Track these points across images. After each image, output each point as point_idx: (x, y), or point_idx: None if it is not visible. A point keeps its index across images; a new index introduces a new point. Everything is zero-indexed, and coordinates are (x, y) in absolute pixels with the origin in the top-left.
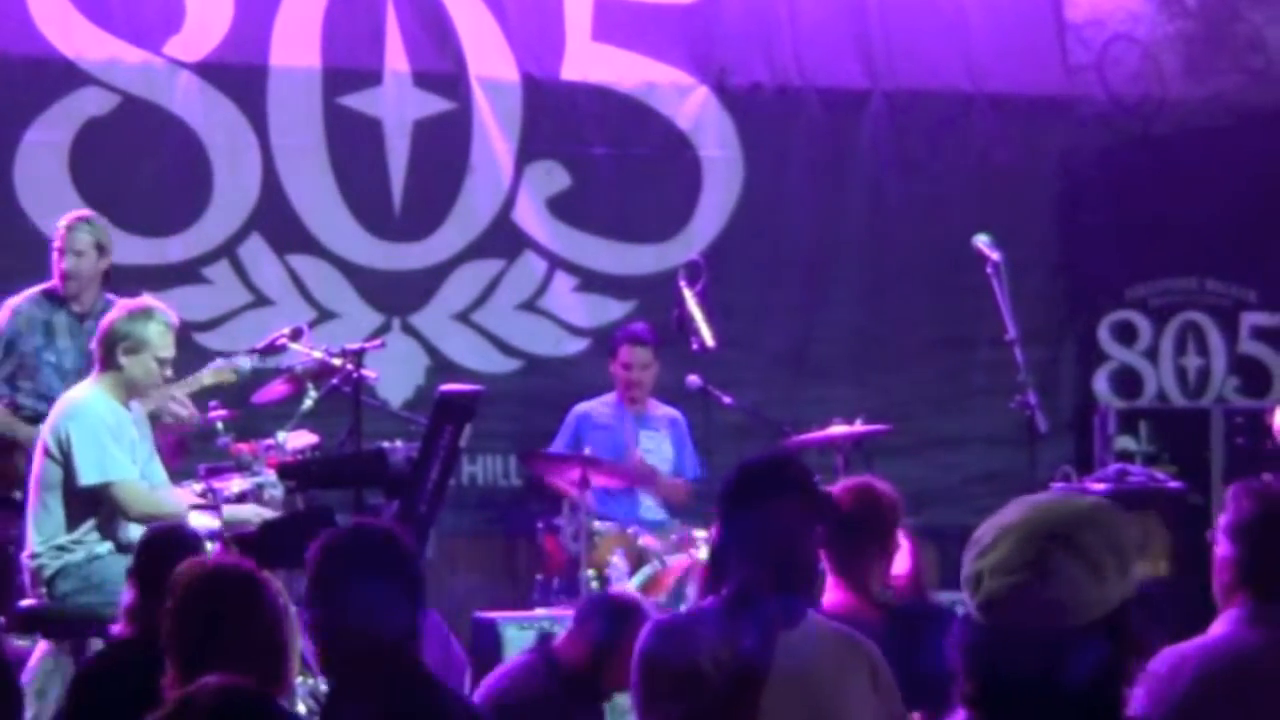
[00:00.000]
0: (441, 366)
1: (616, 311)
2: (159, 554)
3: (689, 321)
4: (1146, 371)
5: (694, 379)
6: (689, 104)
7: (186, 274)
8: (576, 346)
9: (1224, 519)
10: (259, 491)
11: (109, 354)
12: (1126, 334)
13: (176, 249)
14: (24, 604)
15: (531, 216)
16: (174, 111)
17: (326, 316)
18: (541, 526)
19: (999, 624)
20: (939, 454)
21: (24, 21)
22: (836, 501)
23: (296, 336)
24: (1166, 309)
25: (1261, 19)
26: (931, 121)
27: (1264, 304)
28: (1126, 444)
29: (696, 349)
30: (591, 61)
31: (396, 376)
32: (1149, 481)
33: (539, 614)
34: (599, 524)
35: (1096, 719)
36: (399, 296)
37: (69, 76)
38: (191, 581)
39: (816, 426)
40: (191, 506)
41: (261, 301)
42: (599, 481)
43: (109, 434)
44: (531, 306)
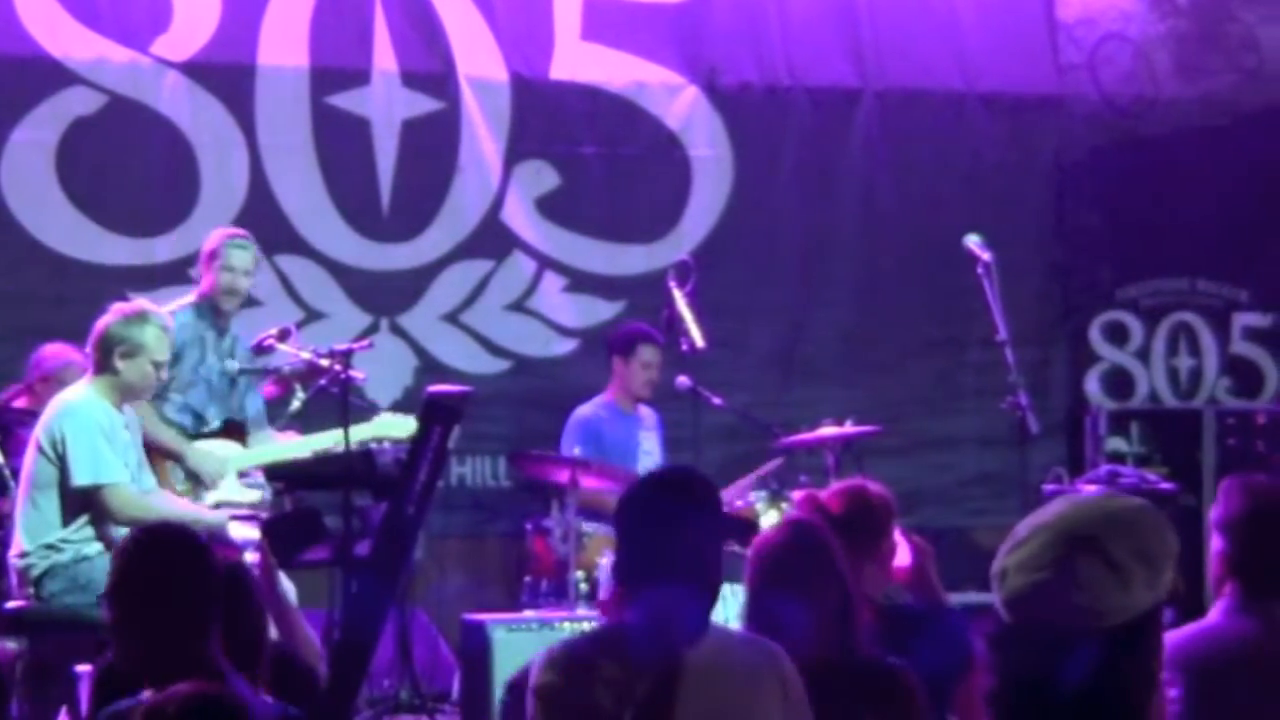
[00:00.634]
0: (430, 367)
1: (606, 312)
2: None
3: (679, 322)
4: (1138, 372)
5: (684, 380)
6: (678, 103)
7: (174, 275)
8: (565, 347)
9: (1214, 513)
10: None
11: (105, 357)
12: (1118, 334)
13: (164, 249)
14: (10, 605)
15: (520, 216)
16: (161, 111)
17: (314, 317)
18: (530, 528)
19: (1020, 621)
20: (930, 455)
21: (10, 21)
22: (828, 505)
23: (284, 337)
24: (1158, 309)
25: (1254, 18)
26: (922, 121)
27: (1256, 304)
28: (1118, 445)
29: (686, 350)
30: (580, 61)
31: (385, 377)
32: (1140, 483)
33: (528, 616)
34: (588, 526)
35: None
36: (387, 297)
37: (56, 76)
38: (137, 537)
39: (806, 427)
40: (231, 517)
41: (249, 302)
42: (588, 484)
43: (103, 436)
44: (520, 307)
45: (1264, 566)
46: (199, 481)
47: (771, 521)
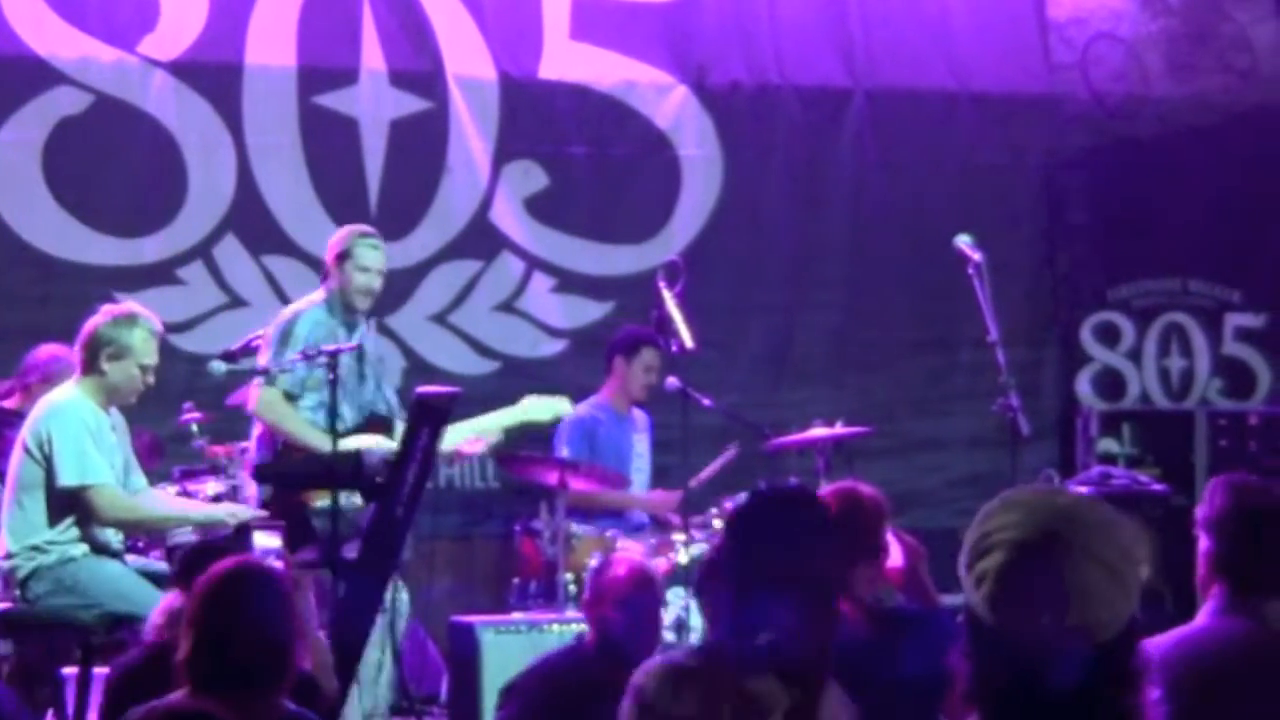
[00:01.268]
0: (418, 368)
1: (595, 313)
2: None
3: (668, 323)
4: (1130, 373)
5: (673, 381)
6: (668, 103)
7: (161, 275)
8: (554, 348)
9: (1200, 512)
10: (234, 494)
11: (92, 358)
12: (1109, 335)
13: (151, 249)
14: None
15: (509, 217)
16: (148, 111)
17: None
18: (519, 530)
19: (1000, 624)
20: (920, 456)
21: None
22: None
23: None
24: (1150, 310)
25: (1247, 18)
26: (913, 121)
27: (1248, 305)
28: (1109, 446)
29: (676, 350)
30: (569, 60)
31: None
32: (1132, 484)
33: (517, 618)
34: (577, 527)
35: None
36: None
37: (42, 75)
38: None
39: (797, 428)
40: (256, 525)
41: (237, 303)
42: (577, 485)
43: (90, 437)
44: (509, 307)
45: (1252, 565)
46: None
47: None
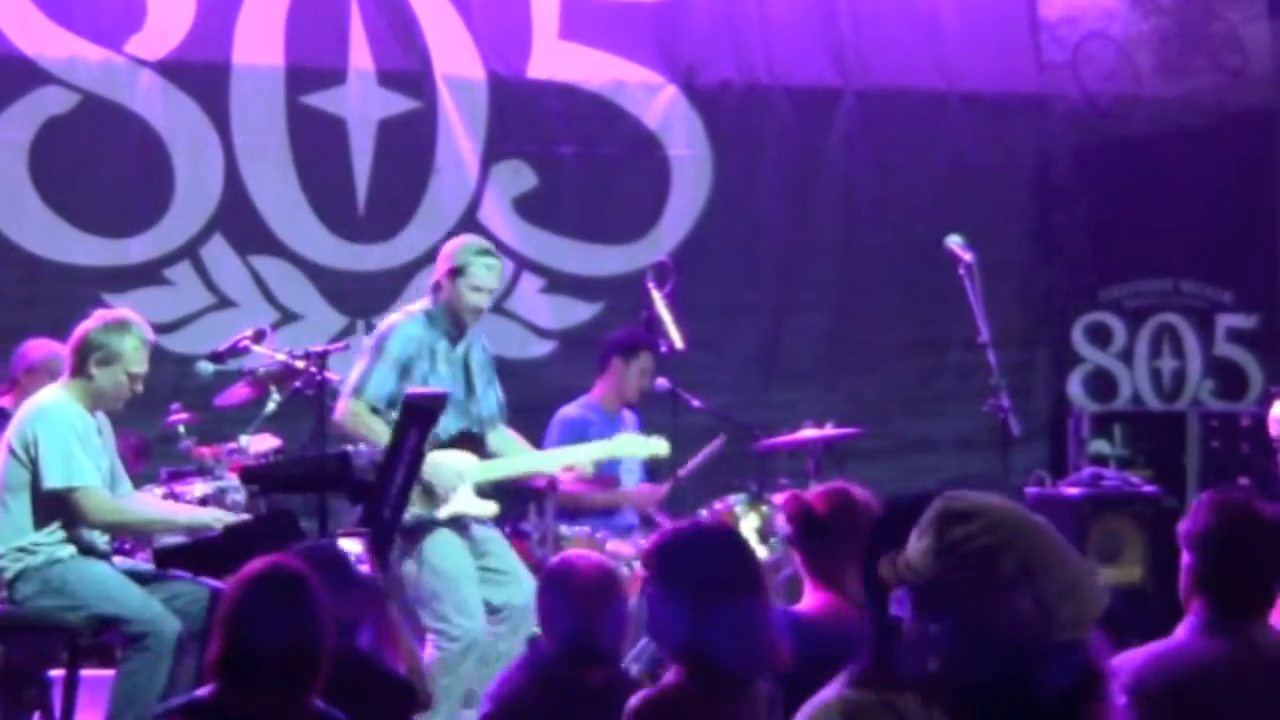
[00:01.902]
0: None
1: (584, 313)
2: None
3: (658, 323)
4: (1121, 374)
5: (663, 381)
6: (657, 103)
7: (148, 275)
8: (543, 349)
9: (1184, 527)
10: (221, 496)
11: (81, 362)
12: (1101, 336)
13: (138, 250)
14: None
15: (498, 217)
16: (135, 110)
17: (290, 318)
18: (508, 531)
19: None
20: (911, 457)
21: None
22: (812, 506)
23: (259, 339)
24: (1141, 311)
25: (1238, 18)
26: (904, 121)
27: (1240, 306)
28: (1101, 447)
29: (665, 351)
30: (558, 60)
31: None
32: (1124, 485)
33: None
34: (565, 529)
35: None
36: (363, 298)
37: (29, 75)
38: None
39: (787, 429)
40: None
41: (224, 303)
42: (567, 486)
43: (76, 439)
44: (498, 308)
45: (1233, 585)
46: (432, 494)
47: (751, 525)
